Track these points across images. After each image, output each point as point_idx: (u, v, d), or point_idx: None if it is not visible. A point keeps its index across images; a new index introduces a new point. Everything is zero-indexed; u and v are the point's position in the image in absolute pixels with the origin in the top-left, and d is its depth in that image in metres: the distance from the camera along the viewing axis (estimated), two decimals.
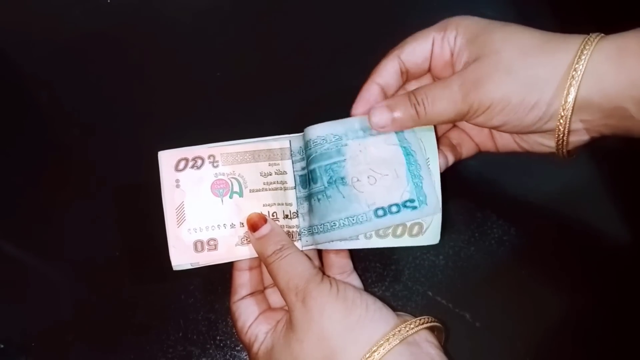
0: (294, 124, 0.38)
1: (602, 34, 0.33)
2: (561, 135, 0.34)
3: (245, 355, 0.41)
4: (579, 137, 0.35)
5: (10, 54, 0.49)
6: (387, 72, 0.37)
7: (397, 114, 0.35)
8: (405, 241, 0.37)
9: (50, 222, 0.44)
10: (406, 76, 0.38)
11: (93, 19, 0.50)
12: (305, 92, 0.48)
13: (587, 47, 0.32)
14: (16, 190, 0.45)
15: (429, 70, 0.38)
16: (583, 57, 0.31)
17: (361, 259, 0.41)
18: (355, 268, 0.40)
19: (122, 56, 0.49)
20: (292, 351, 0.33)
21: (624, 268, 0.42)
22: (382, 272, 0.43)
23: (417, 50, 0.37)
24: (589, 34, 0.32)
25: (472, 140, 0.40)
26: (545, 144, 0.36)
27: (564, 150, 0.35)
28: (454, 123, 0.39)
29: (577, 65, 0.31)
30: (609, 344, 0.41)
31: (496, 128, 0.35)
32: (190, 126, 0.46)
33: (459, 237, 0.43)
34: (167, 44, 0.49)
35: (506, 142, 0.39)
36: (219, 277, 0.42)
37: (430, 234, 0.36)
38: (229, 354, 0.42)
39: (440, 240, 0.37)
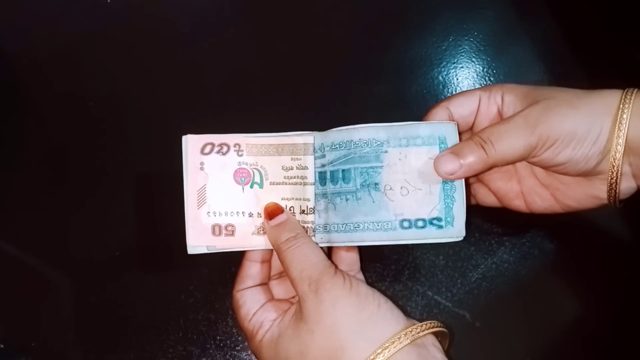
0: (301, 123, 0.38)
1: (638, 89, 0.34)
2: (614, 177, 0.35)
3: (246, 355, 0.41)
4: (628, 184, 0.35)
5: (10, 54, 0.50)
6: (438, 119, 0.38)
7: (465, 158, 0.35)
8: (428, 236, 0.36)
9: (50, 222, 0.44)
10: None
11: (93, 19, 0.50)
12: (311, 91, 0.48)
13: (629, 94, 0.34)
14: (16, 190, 0.45)
15: (472, 127, 0.39)
16: (628, 100, 0.34)
17: (361, 259, 0.41)
18: None
19: (123, 56, 0.49)
20: (302, 341, 0.33)
21: (624, 268, 0.42)
22: (382, 272, 0.43)
23: (464, 103, 0.38)
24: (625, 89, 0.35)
25: (493, 195, 0.41)
26: (595, 194, 0.36)
27: (616, 196, 0.35)
28: (521, 161, 0.37)
29: (624, 107, 0.33)
30: (610, 344, 0.41)
31: (558, 167, 0.35)
32: (192, 126, 0.46)
33: None
34: (167, 43, 0.49)
35: (547, 203, 0.39)
36: (219, 277, 0.42)
37: (454, 229, 0.36)
38: (229, 354, 0.42)
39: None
